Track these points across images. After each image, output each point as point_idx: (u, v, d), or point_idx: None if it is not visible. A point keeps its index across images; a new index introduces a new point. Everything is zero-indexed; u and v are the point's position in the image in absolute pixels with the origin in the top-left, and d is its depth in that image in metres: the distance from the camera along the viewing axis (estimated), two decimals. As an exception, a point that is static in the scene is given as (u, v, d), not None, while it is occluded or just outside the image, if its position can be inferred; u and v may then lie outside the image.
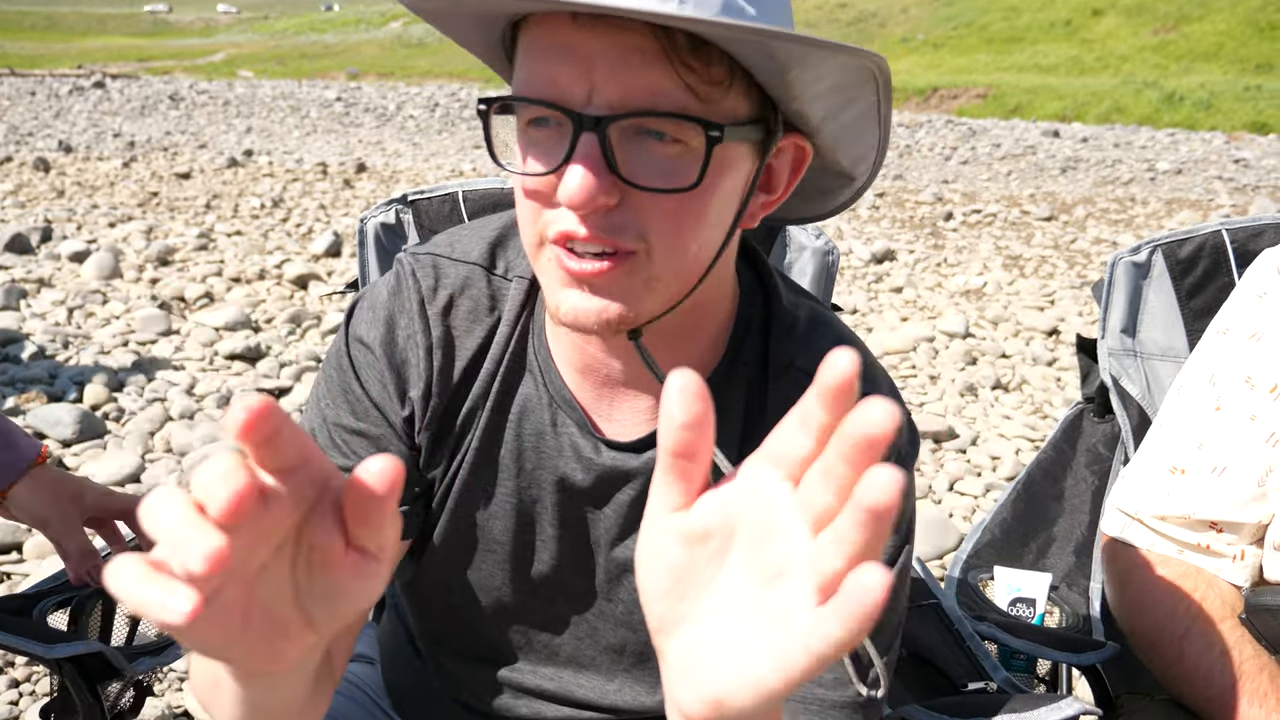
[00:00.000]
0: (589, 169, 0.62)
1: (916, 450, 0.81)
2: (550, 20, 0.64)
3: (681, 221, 0.66)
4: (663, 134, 0.64)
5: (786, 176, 0.74)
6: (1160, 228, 8.07)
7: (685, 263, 0.69)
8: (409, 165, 10.47)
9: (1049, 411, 3.88)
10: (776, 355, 0.81)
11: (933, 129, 17.54)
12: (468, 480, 0.84)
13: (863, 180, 0.81)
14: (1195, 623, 1.00)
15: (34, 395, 3.43)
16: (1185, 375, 1.14)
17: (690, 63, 0.62)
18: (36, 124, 12.89)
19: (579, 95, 0.63)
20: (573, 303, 0.68)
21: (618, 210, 0.65)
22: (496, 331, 0.83)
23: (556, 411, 0.82)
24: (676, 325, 0.76)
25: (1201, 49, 31.03)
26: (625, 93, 0.62)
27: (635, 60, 0.62)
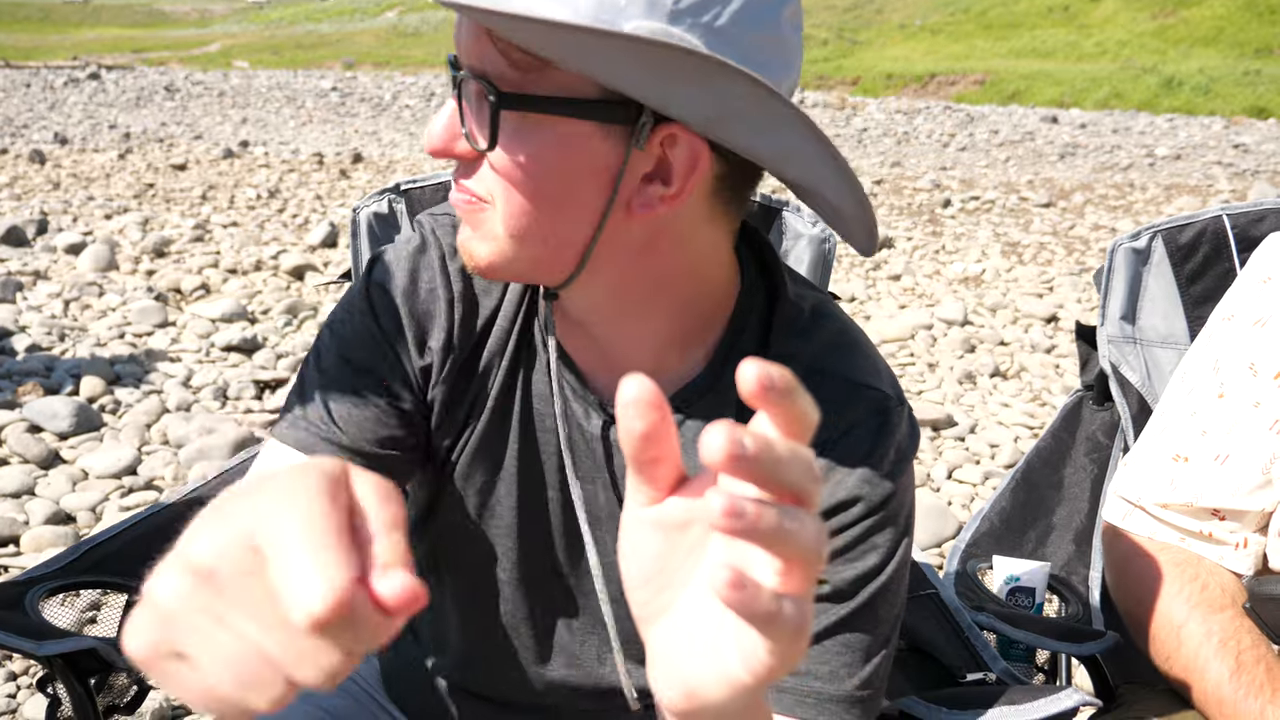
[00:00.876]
0: (443, 117, 0.71)
1: (916, 444, 0.80)
2: None
3: (513, 183, 0.70)
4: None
5: (684, 172, 0.70)
6: (1159, 213, 8.05)
7: (532, 228, 0.71)
8: (405, 155, 10.44)
9: (1048, 399, 3.88)
10: (777, 348, 0.80)
11: (930, 115, 17.49)
12: (479, 448, 0.85)
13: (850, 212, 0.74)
14: (1194, 611, 0.99)
15: (31, 388, 3.42)
16: (1189, 362, 1.13)
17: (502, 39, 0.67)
18: (31, 116, 12.83)
19: (461, 54, 0.71)
20: (462, 236, 0.76)
21: (473, 164, 0.71)
22: (510, 297, 0.84)
23: (556, 376, 0.83)
24: (615, 306, 0.77)
25: (1200, 33, 30.92)
26: (467, 56, 0.69)
27: (474, 30, 0.68)
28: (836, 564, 0.75)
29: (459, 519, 0.88)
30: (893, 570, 0.76)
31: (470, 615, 0.94)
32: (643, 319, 0.79)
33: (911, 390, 3.93)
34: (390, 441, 0.81)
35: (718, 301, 0.81)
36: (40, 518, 2.61)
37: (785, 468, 0.39)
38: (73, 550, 1.14)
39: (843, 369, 0.79)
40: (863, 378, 0.79)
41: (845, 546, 0.75)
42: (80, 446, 3.07)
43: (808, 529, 0.39)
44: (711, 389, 0.81)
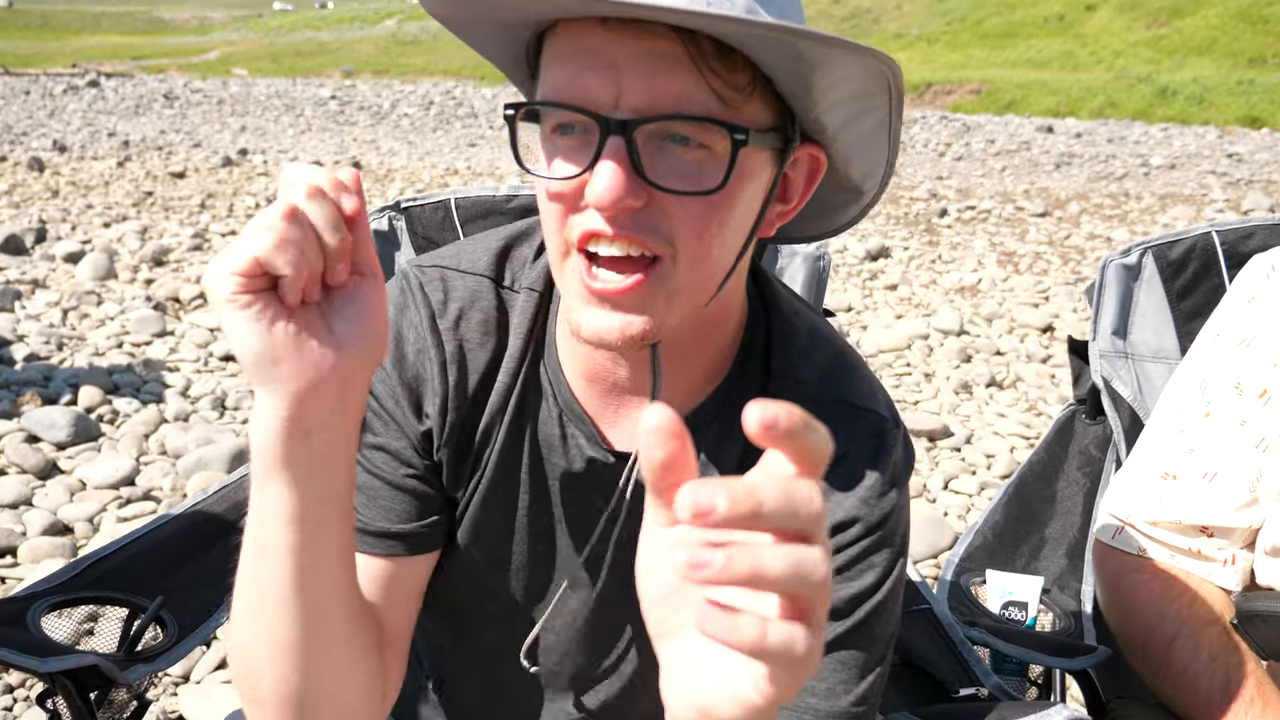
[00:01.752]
0: (616, 169, 0.63)
1: (911, 465, 0.82)
2: (577, 26, 0.65)
3: (706, 226, 0.67)
4: (687, 139, 0.65)
5: (802, 187, 0.75)
6: (1154, 223, 8.08)
7: (708, 270, 0.69)
8: (404, 164, 10.46)
9: (1043, 409, 3.89)
10: (779, 367, 0.81)
11: (927, 125, 17.55)
12: (487, 497, 0.84)
13: (870, 195, 0.81)
14: (1184, 627, 1.00)
15: (29, 398, 3.43)
16: (1177, 380, 1.14)
17: (715, 67, 0.63)
18: (31, 123, 12.85)
19: (606, 100, 0.64)
20: (595, 322, 0.68)
21: (644, 212, 0.66)
22: (508, 345, 0.82)
23: (566, 424, 0.82)
24: (689, 335, 0.76)
25: (1194, 43, 31.05)
26: (652, 97, 0.63)
27: (661, 65, 0.63)
28: (834, 583, 0.76)
29: (471, 565, 0.87)
30: (889, 589, 0.77)
31: (480, 660, 0.95)
32: (703, 348, 0.79)
33: (908, 400, 3.95)
34: (418, 513, 0.81)
35: (737, 322, 0.82)
36: (38, 529, 2.62)
37: (770, 514, 0.40)
38: (73, 565, 1.15)
39: (841, 392, 0.80)
40: (860, 401, 0.80)
41: (843, 566, 0.76)
42: (78, 457, 3.08)
43: (801, 562, 0.40)
44: (718, 415, 0.81)
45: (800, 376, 0.81)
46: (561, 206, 0.68)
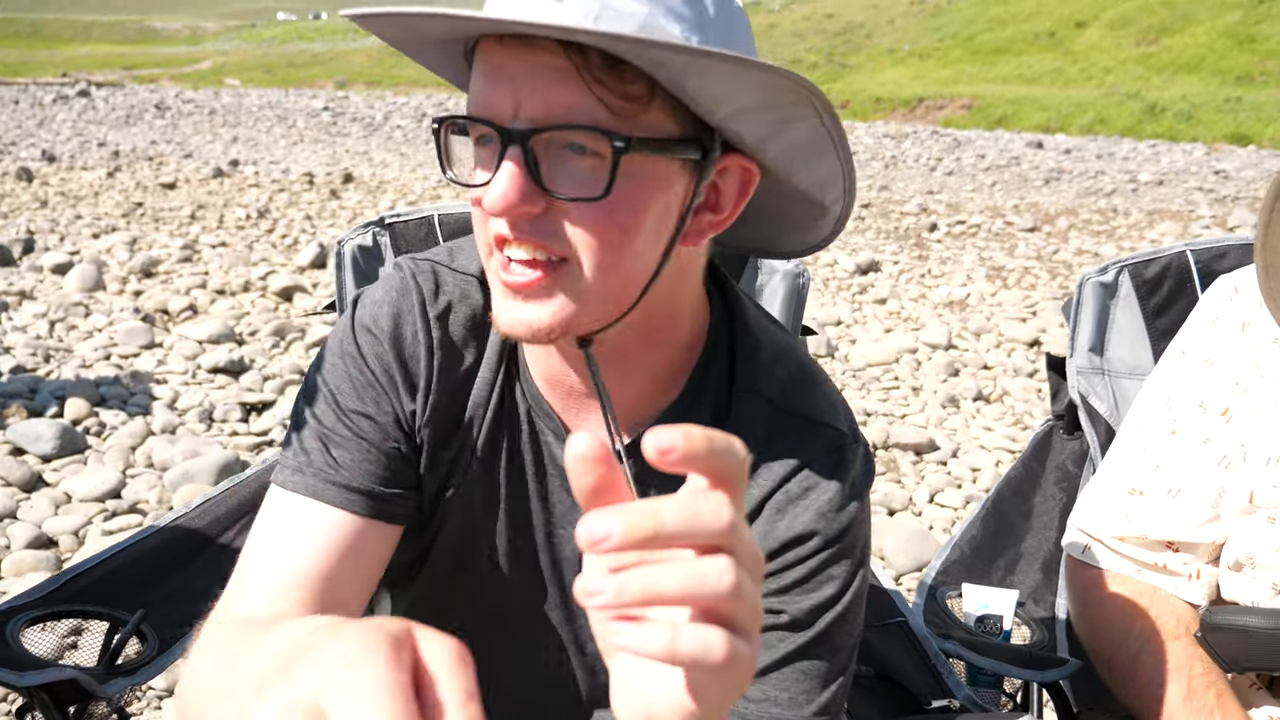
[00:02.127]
0: (510, 177, 0.67)
1: (870, 479, 0.83)
2: (486, 44, 0.69)
3: (606, 232, 0.69)
4: (584, 148, 0.68)
5: (735, 196, 0.76)
6: (1142, 239, 8.15)
7: (619, 276, 0.71)
8: (396, 175, 10.48)
9: (1029, 423, 3.91)
10: (741, 378, 0.83)
11: (918, 140, 17.66)
12: (468, 497, 0.86)
13: (838, 209, 0.83)
14: (1149, 641, 1.02)
15: (14, 410, 3.42)
16: (1144, 396, 1.16)
17: (602, 78, 0.66)
18: (20, 133, 12.84)
19: (507, 112, 0.68)
20: (508, 313, 0.72)
21: (544, 218, 0.69)
22: (488, 345, 0.85)
23: (535, 420, 0.85)
24: (632, 342, 0.78)
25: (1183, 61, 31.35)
26: (546, 108, 0.67)
27: (552, 77, 0.66)
28: (794, 595, 0.78)
29: (449, 568, 0.89)
30: (849, 600, 0.79)
31: None
32: (649, 355, 0.81)
33: (895, 414, 3.97)
34: (393, 481, 0.82)
35: (697, 335, 0.84)
36: (22, 542, 2.61)
37: (672, 533, 0.41)
38: (54, 580, 1.16)
39: (801, 406, 0.82)
40: (820, 415, 0.82)
41: (802, 578, 0.78)
42: (64, 469, 3.07)
43: (702, 576, 0.42)
44: (686, 418, 0.83)
45: (762, 390, 0.82)
46: (481, 210, 0.72)
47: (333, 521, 0.78)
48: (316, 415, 0.83)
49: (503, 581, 0.89)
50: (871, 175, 12.26)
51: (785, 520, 0.79)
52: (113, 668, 1.07)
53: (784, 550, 0.78)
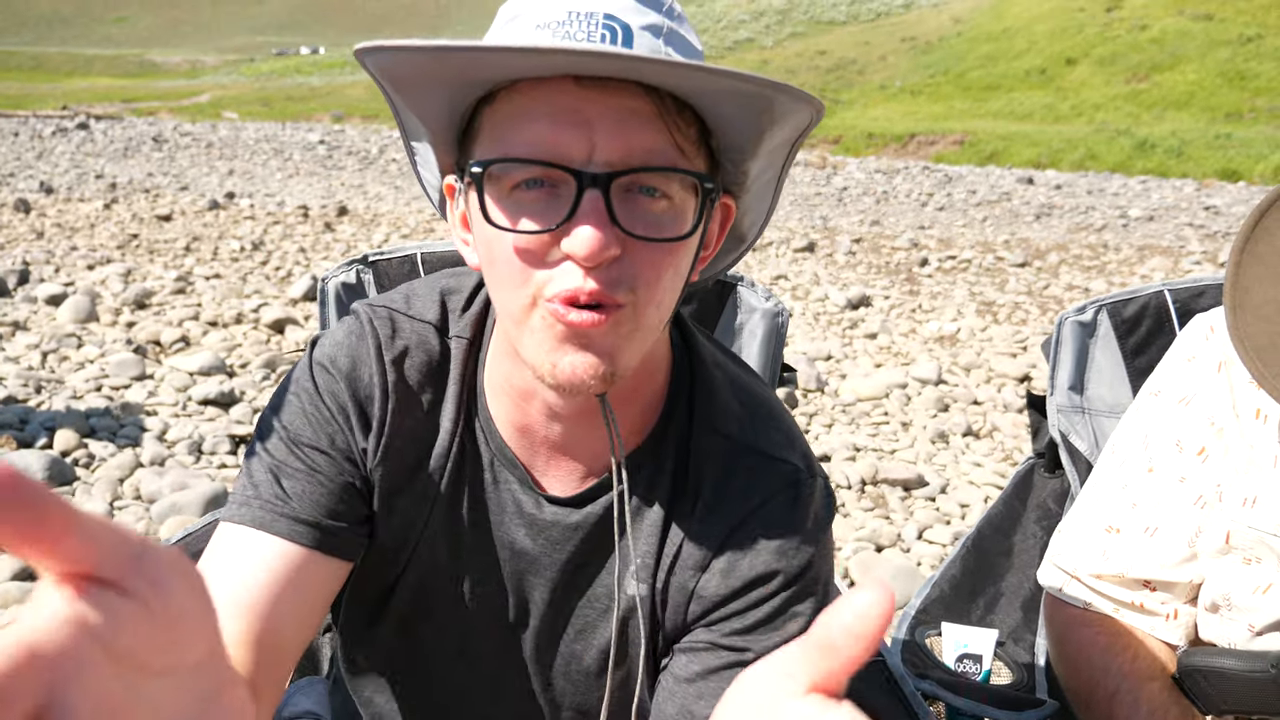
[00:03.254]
0: (597, 222, 0.66)
1: (831, 513, 0.84)
2: (546, 84, 0.67)
3: (663, 272, 0.70)
4: (654, 190, 0.69)
5: (716, 234, 0.80)
6: (1132, 274, 8.20)
7: (660, 314, 0.72)
8: (390, 208, 10.53)
9: (1019, 459, 3.92)
10: (700, 417, 0.85)
11: (909, 175, 17.81)
12: (432, 541, 0.86)
13: (748, 243, 0.87)
14: (1125, 681, 1.02)
15: (4, 441, 3.41)
16: (1120, 434, 1.17)
17: (678, 122, 0.68)
18: (18, 164, 12.89)
19: (580, 155, 0.67)
20: (569, 361, 0.70)
21: (616, 264, 0.68)
22: (448, 391, 0.85)
23: (498, 470, 0.85)
24: (629, 382, 0.78)
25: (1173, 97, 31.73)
26: (626, 151, 0.67)
27: (633, 121, 0.67)
28: (759, 634, 0.78)
29: (410, 612, 0.89)
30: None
31: (414, 704, 0.96)
32: (630, 400, 0.81)
33: (885, 449, 3.97)
34: (343, 515, 0.82)
35: (665, 371, 0.85)
36: (6, 574, 2.59)
37: None
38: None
39: (758, 442, 0.83)
40: (776, 451, 0.83)
41: (766, 618, 0.78)
42: (51, 501, 3.06)
43: None
44: (653, 456, 0.84)
45: (718, 427, 0.84)
46: (526, 264, 0.69)
47: (276, 552, 0.77)
48: (269, 449, 0.82)
49: (469, 624, 0.89)
50: (863, 210, 12.35)
51: (746, 559, 0.80)
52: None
53: (747, 590, 0.79)
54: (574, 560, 0.85)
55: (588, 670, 0.87)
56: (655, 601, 0.84)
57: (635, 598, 0.83)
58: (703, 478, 0.83)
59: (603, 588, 0.85)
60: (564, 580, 0.86)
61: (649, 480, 0.84)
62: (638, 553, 0.83)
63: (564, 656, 0.88)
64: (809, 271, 7.70)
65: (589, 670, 0.87)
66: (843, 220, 11.21)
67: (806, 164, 19.22)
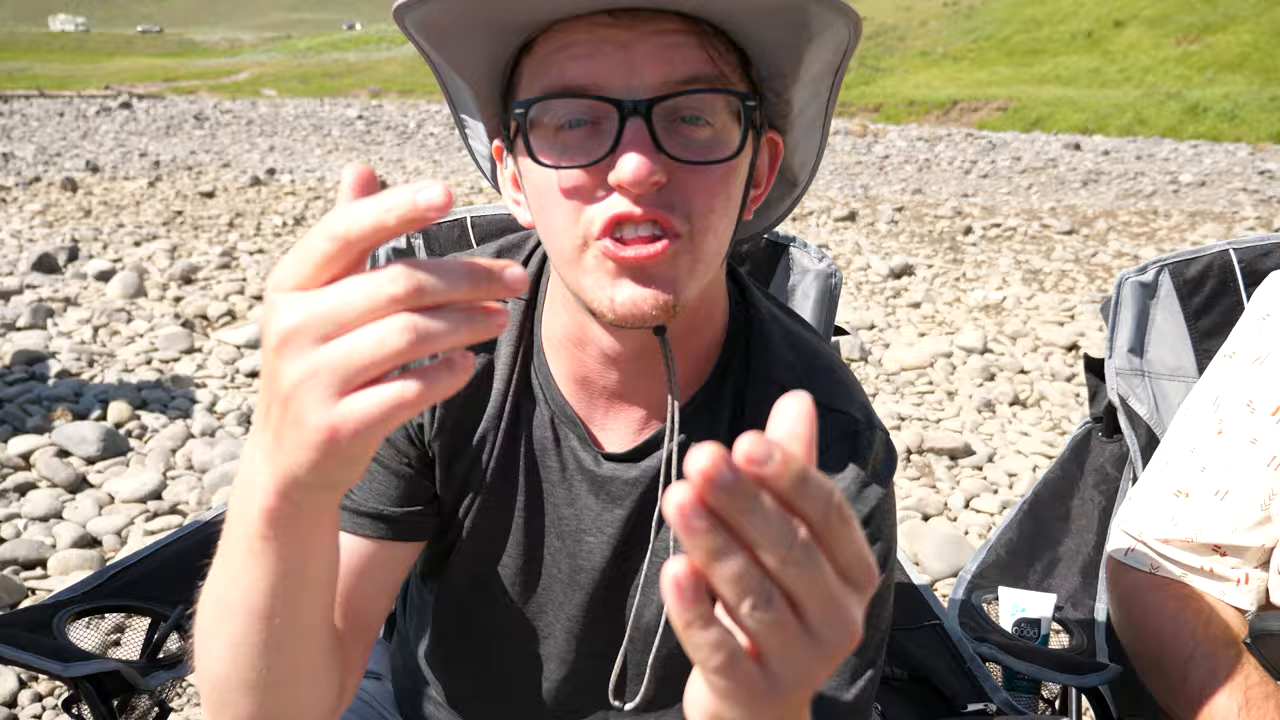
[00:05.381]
0: (641, 148, 0.65)
1: (892, 469, 0.83)
2: (579, 21, 0.67)
3: (715, 197, 0.69)
4: (697, 118, 0.68)
5: (767, 172, 0.79)
6: (1183, 240, 8.01)
7: (717, 243, 0.71)
8: (429, 182, 10.56)
9: (1067, 428, 3.86)
10: (756, 368, 0.84)
11: (952, 142, 17.50)
12: (487, 502, 0.86)
13: (801, 187, 0.86)
14: (1200, 647, 1.00)
15: (60, 413, 3.49)
16: (1192, 398, 1.14)
17: (717, 47, 0.67)
18: (65, 144, 13.11)
19: (619, 84, 0.66)
20: (628, 293, 0.69)
21: (664, 189, 0.67)
22: (499, 353, 0.85)
23: (559, 426, 0.85)
24: (684, 327, 0.78)
25: (1226, 59, 30.79)
26: (666, 76, 0.66)
27: (671, 46, 0.66)
28: None
29: (468, 573, 0.90)
30: (879, 590, 0.78)
31: (478, 667, 0.97)
32: (687, 346, 0.80)
33: (930, 419, 3.93)
34: (406, 499, 0.83)
35: (722, 326, 0.84)
36: (67, 541, 2.66)
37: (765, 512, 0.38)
38: (99, 574, 1.18)
39: (814, 392, 0.82)
40: (834, 402, 0.82)
41: None
42: (107, 471, 3.13)
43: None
44: (707, 408, 0.84)
45: (774, 378, 0.83)
46: (576, 201, 0.69)
47: (348, 548, 0.79)
48: None
49: (529, 585, 0.89)
50: (905, 179, 12.17)
51: None
52: (154, 661, 1.09)
53: None
54: (633, 516, 0.85)
55: (648, 627, 0.87)
56: None
57: None
58: (758, 428, 0.82)
59: (662, 543, 0.84)
60: (624, 537, 0.85)
61: (706, 430, 0.83)
62: None
63: (625, 614, 0.88)
64: (850, 241, 7.61)
65: (648, 627, 0.87)
66: (884, 189, 11.05)
67: (847, 132, 18.97)
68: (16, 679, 2.11)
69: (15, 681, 2.10)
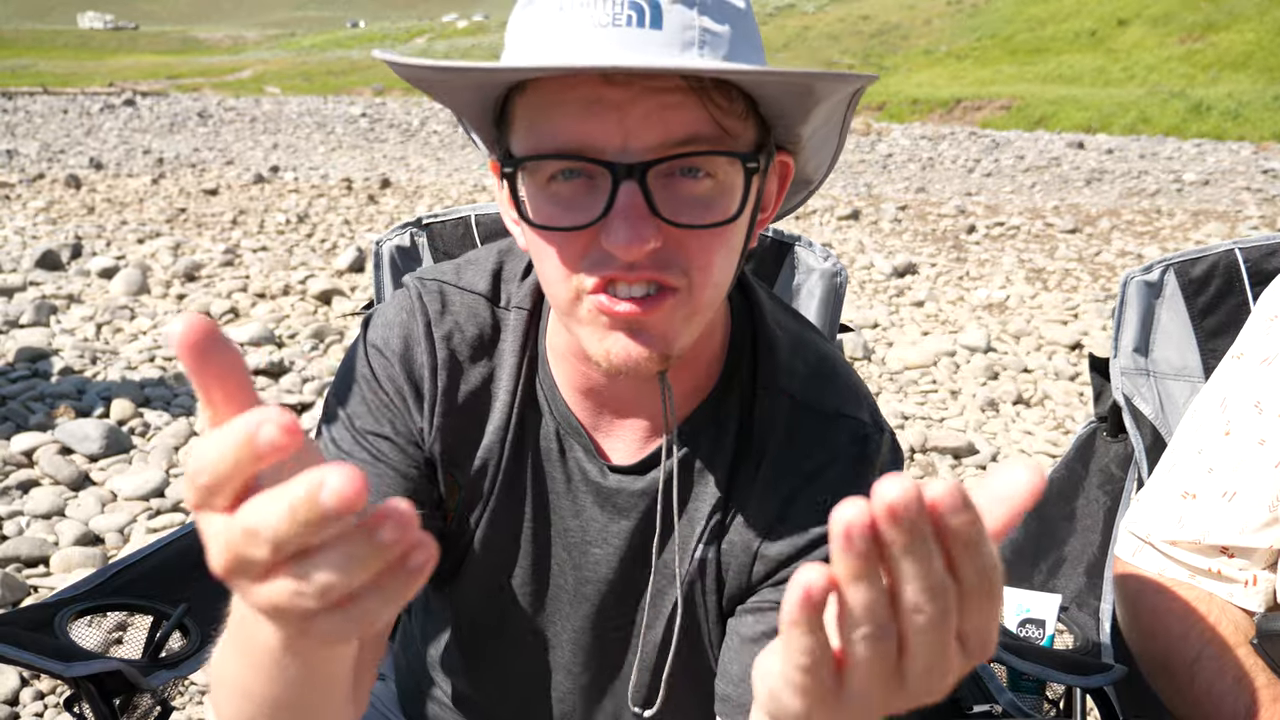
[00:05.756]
0: (634, 215, 0.63)
1: (900, 467, 0.83)
2: (576, 77, 0.64)
3: (715, 253, 0.68)
4: (696, 170, 0.66)
5: (776, 193, 0.78)
6: (1187, 239, 7.99)
7: (716, 292, 0.71)
8: (432, 180, 10.56)
9: (1071, 427, 3.85)
10: (764, 377, 0.83)
11: (956, 141, 17.48)
12: (496, 513, 0.86)
13: (815, 184, 0.85)
14: (1207, 648, 0.99)
15: (63, 410, 3.49)
16: (1200, 399, 1.14)
17: (719, 101, 0.65)
18: (68, 141, 13.12)
19: (613, 145, 0.64)
20: (621, 347, 0.68)
21: (660, 250, 0.66)
22: (504, 362, 0.84)
23: (565, 437, 0.84)
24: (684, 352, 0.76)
25: (1229, 58, 30.70)
26: (664, 136, 0.64)
27: (669, 104, 0.64)
28: None
29: (478, 581, 0.89)
30: None
31: (483, 673, 0.96)
32: (692, 358, 0.80)
33: (933, 417, 3.92)
34: (413, 500, 0.82)
35: (723, 332, 0.84)
36: (69, 539, 2.66)
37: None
38: (100, 573, 1.18)
39: (821, 399, 0.82)
40: (841, 408, 0.82)
41: None
42: (110, 468, 3.13)
43: None
44: (712, 421, 0.83)
45: (782, 385, 0.82)
46: (568, 260, 0.68)
47: None
48: (335, 439, 0.83)
49: (535, 596, 0.89)
50: (908, 177, 12.15)
51: (814, 518, 0.79)
52: (156, 660, 1.09)
53: (812, 548, 0.79)
54: (639, 529, 0.84)
55: (655, 640, 0.87)
56: (720, 563, 0.83)
57: (704, 561, 0.83)
58: (766, 437, 0.82)
59: (669, 555, 0.84)
60: (630, 549, 0.85)
61: (712, 441, 0.83)
62: (703, 515, 0.83)
63: (632, 625, 0.88)
64: (854, 239, 7.60)
65: (655, 640, 0.87)
66: (888, 187, 11.04)
67: (850, 130, 18.92)
68: (18, 677, 2.11)
69: (17, 680, 2.10)
